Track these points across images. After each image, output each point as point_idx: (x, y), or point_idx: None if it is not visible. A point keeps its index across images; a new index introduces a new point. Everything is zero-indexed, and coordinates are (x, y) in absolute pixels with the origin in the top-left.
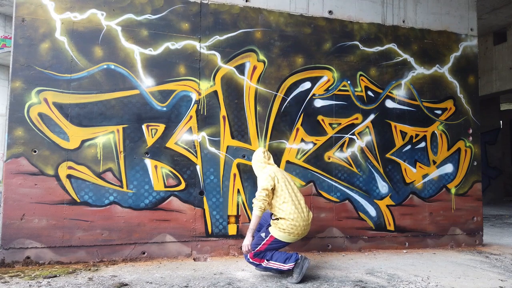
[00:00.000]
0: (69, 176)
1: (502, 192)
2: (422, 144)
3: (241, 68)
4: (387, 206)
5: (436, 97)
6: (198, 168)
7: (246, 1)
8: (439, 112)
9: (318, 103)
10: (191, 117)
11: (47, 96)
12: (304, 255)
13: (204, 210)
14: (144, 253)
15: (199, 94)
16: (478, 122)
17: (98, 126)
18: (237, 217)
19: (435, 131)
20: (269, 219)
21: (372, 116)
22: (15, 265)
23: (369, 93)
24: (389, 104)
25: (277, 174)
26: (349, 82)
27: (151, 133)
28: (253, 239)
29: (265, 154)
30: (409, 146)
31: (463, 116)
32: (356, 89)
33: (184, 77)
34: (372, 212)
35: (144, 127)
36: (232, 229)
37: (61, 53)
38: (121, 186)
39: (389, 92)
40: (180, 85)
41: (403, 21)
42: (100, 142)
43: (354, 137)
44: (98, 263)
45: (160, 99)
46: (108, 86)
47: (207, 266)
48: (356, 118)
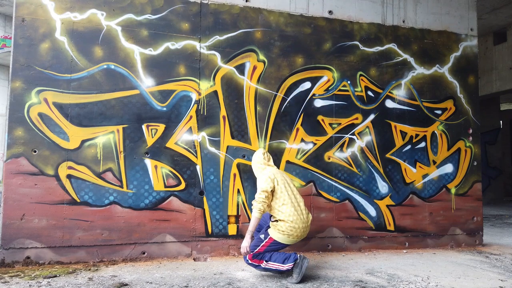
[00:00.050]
0: (69, 176)
1: (502, 192)
2: (422, 144)
3: (241, 68)
4: (387, 206)
5: (436, 97)
6: (198, 168)
7: (246, 1)
8: (439, 112)
9: (318, 103)
10: (191, 117)
11: (47, 96)
12: (303, 255)
13: (204, 210)
14: (144, 253)
15: (199, 94)
16: (478, 122)
17: (98, 126)
18: (237, 217)
19: (435, 131)
20: (269, 220)
21: (372, 116)
22: (15, 265)
23: (369, 93)
24: (389, 104)
25: (277, 176)
26: (349, 82)
27: (151, 133)
28: (252, 241)
29: (265, 156)
30: (409, 146)
31: (463, 116)
32: (356, 89)
33: (184, 77)
34: (372, 212)
35: (144, 127)
36: (232, 229)
37: (61, 53)
38: (121, 186)
39: (389, 92)
40: (180, 85)
41: (403, 21)
42: (100, 142)
43: (354, 137)
44: (98, 263)
45: (160, 99)
46: (108, 86)
47: (207, 266)
48: (356, 118)
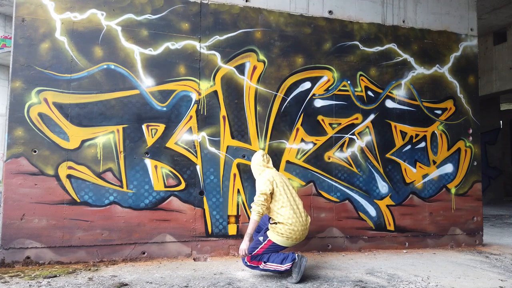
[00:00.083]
0: (69, 176)
1: (502, 192)
2: (422, 144)
3: (241, 68)
4: (387, 206)
5: (436, 97)
6: (198, 168)
7: (246, 1)
8: (439, 112)
9: (318, 103)
10: (191, 117)
11: (47, 96)
12: (301, 254)
13: (204, 210)
14: (144, 253)
15: (199, 94)
16: (478, 122)
17: (98, 126)
18: (237, 217)
19: (435, 131)
20: (267, 222)
21: (372, 116)
22: (15, 265)
23: (369, 93)
24: (389, 104)
25: (276, 178)
26: (349, 82)
27: (151, 133)
28: (251, 243)
29: (264, 157)
30: (409, 146)
31: (463, 116)
32: (356, 89)
33: (184, 77)
34: (372, 212)
35: (144, 127)
36: (232, 229)
37: (61, 53)
38: (121, 186)
39: (389, 92)
40: (180, 85)
41: (403, 21)
42: (100, 142)
43: (354, 137)
44: (98, 263)
45: (160, 99)
46: (108, 86)
47: (207, 266)
48: (356, 118)
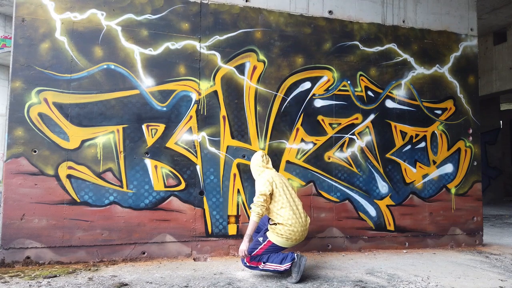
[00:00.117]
0: (69, 176)
1: (502, 192)
2: (422, 144)
3: (241, 68)
4: (387, 206)
5: (436, 97)
6: (198, 168)
7: (246, 1)
8: (439, 112)
9: (318, 103)
10: (191, 117)
11: (47, 96)
12: (300, 254)
13: (204, 210)
14: (144, 253)
15: (199, 94)
16: (478, 122)
17: (98, 126)
18: (237, 217)
19: (435, 131)
20: (267, 222)
21: (372, 116)
22: (15, 265)
23: (369, 93)
24: (389, 104)
25: (275, 179)
26: (349, 82)
27: (151, 133)
28: (250, 243)
29: (264, 158)
30: (409, 146)
31: (463, 116)
32: (356, 89)
33: (184, 77)
34: (372, 212)
35: (144, 127)
36: (232, 229)
37: (61, 53)
38: (121, 186)
39: (389, 92)
40: (180, 85)
41: (403, 21)
42: (100, 142)
43: (354, 137)
44: (98, 263)
45: (160, 99)
46: (108, 86)
47: (207, 266)
48: (356, 118)
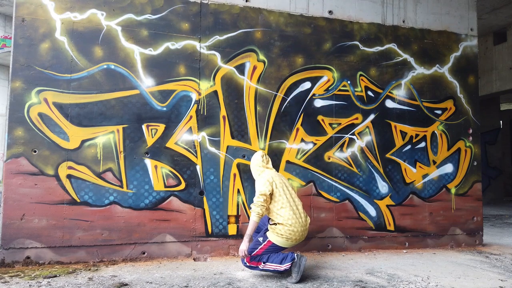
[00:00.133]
0: (69, 176)
1: (502, 192)
2: (422, 144)
3: (241, 68)
4: (387, 206)
5: (436, 97)
6: (198, 168)
7: (246, 1)
8: (439, 112)
9: (318, 103)
10: (191, 117)
11: (47, 96)
12: (300, 254)
13: (204, 210)
14: (144, 253)
15: (199, 94)
16: (478, 122)
17: (98, 126)
18: (237, 217)
19: (435, 131)
20: (267, 222)
21: (372, 116)
22: (15, 265)
23: (369, 93)
24: (389, 104)
25: (275, 179)
26: (349, 82)
27: (151, 133)
28: (250, 243)
29: (264, 158)
30: (409, 146)
31: (463, 116)
32: (356, 89)
33: (184, 77)
34: (372, 212)
35: (144, 127)
36: (232, 229)
37: (61, 53)
38: (121, 186)
39: (389, 92)
40: (180, 85)
41: (403, 21)
42: (100, 142)
43: (354, 137)
44: (98, 263)
45: (160, 99)
46: (108, 86)
47: (207, 266)
48: (356, 118)
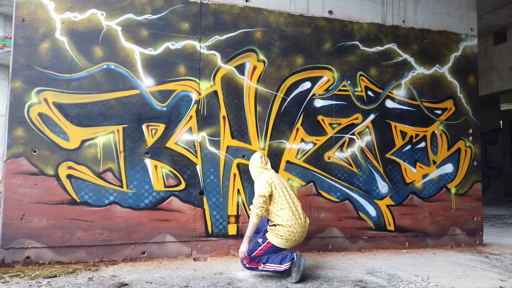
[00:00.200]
0: (69, 176)
1: (502, 192)
2: (422, 144)
3: (241, 68)
4: (387, 206)
5: (436, 97)
6: (198, 168)
7: (246, 1)
8: (439, 112)
9: (318, 103)
10: (191, 117)
11: (47, 96)
12: (300, 253)
13: (204, 210)
14: (144, 253)
15: (199, 94)
16: (478, 122)
17: (98, 126)
18: (237, 217)
19: (435, 131)
20: (266, 223)
21: (372, 116)
22: (15, 265)
23: (369, 93)
24: (389, 104)
25: (274, 180)
26: (349, 82)
27: (151, 133)
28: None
29: (263, 159)
30: (409, 146)
31: (463, 116)
32: (356, 89)
33: (184, 77)
34: (372, 212)
35: (144, 127)
36: (232, 229)
37: (61, 53)
38: (121, 186)
39: (389, 92)
40: (180, 85)
41: (403, 21)
42: (100, 142)
43: (354, 137)
44: (98, 263)
45: (160, 99)
46: (108, 86)
47: (207, 266)
48: (356, 118)
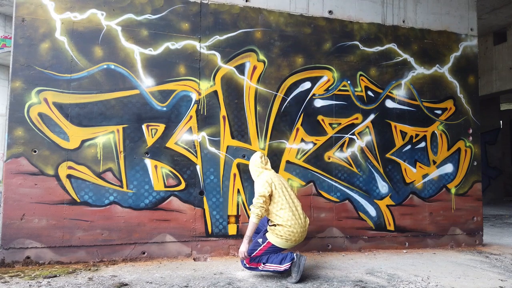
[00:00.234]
0: (69, 176)
1: (502, 192)
2: (422, 144)
3: (241, 68)
4: (387, 206)
5: (436, 97)
6: (198, 168)
7: (246, 1)
8: (439, 112)
9: (318, 103)
10: (191, 117)
11: (47, 96)
12: (300, 253)
13: (204, 210)
14: (144, 253)
15: (199, 94)
16: (478, 122)
17: (98, 126)
18: (237, 217)
19: (435, 131)
20: (266, 223)
21: (372, 116)
22: (15, 265)
23: (369, 93)
24: (389, 104)
25: (274, 180)
26: (349, 82)
27: (151, 133)
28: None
29: (262, 159)
30: (409, 146)
31: (463, 116)
32: (356, 89)
33: (184, 77)
34: (372, 212)
35: (144, 127)
36: (232, 229)
37: (61, 53)
38: (121, 186)
39: (389, 92)
40: (180, 85)
41: (403, 21)
42: (100, 142)
43: (354, 137)
44: (98, 263)
45: (160, 99)
46: (108, 86)
47: (207, 266)
48: (356, 118)
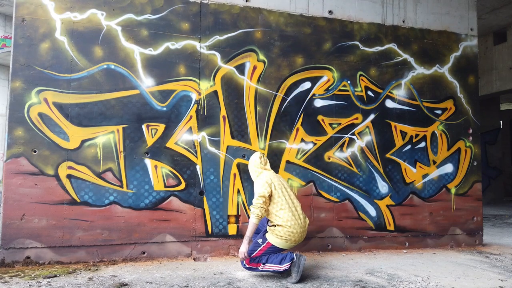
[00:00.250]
0: (69, 176)
1: (502, 192)
2: (422, 144)
3: (241, 68)
4: (387, 206)
5: (436, 97)
6: (198, 168)
7: (246, 1)
8: (439, 112)
9: (318, 103)
10: (191, 117)
11: (47, 96)
12: (299, 253)
13: (204, 210)
14: (144, 253)
15: (199, 94)
16: (478, 122)
17: (98, 126)
18: (237, 217)
19: (435, 131)
20: (266, 224)
21: (372, 116)
22: (15, 265)
23: (369, 93)
24: (389, 104)
25: (274, 181)
26: (349, 82)
27: (151, 133)
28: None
29: (262, 160)
30: (409, 146)
31: (463, 116)
32: (356, 89)
33: (184, 77)
34: (372, 212)
35: (144, 127)
36: (232, 229)
37: (61, 53)
38: (121, 186)
39: (389, 92)
40: (180, 85)
41: (403, 21)
42: (100, 142)
43: (354, 137)
44: (98, 263)
45: (160, 99)
46: (108, 86)
47: (207, 266)
48: (356, 118)
